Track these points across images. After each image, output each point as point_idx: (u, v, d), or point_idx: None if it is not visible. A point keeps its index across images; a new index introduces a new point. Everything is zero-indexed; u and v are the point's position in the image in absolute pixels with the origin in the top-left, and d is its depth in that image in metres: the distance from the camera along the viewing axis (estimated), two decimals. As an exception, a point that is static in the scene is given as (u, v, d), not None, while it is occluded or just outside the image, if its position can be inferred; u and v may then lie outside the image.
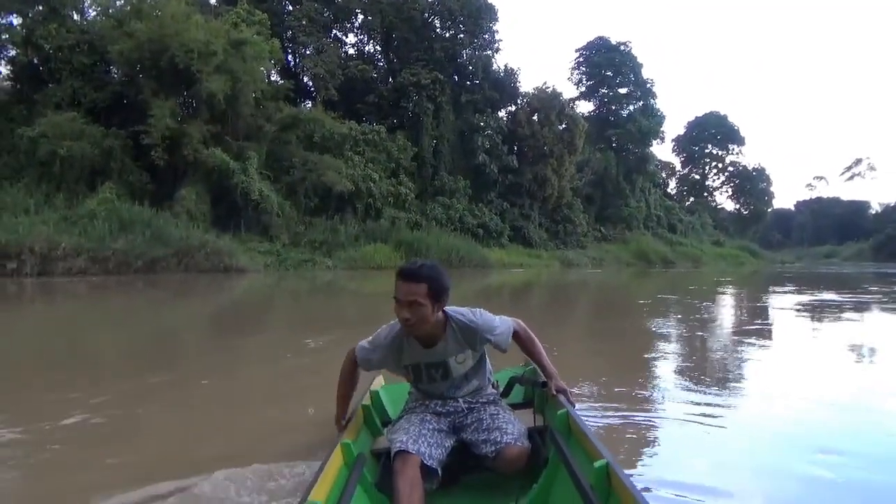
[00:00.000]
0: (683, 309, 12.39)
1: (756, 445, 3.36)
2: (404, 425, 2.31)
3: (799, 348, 7.40)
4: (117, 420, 3.75)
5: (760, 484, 2.80)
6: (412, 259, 2.53)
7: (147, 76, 23.10)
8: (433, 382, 2.44)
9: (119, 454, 3.16)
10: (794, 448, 3.31)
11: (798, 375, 5.46)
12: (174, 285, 16.35)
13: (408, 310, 2.20)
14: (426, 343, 2.35)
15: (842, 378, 5.39)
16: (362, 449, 2.36)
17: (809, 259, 72.21)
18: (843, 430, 3.69)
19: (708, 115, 63.51)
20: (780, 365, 6.05)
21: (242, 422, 3.82)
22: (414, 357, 2.39)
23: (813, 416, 3.99)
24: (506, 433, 2.29)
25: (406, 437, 2.19)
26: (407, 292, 2.19)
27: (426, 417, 2.37)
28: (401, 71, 32.74)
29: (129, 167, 22.48)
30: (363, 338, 2.54)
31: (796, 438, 3.48)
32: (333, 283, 18.92)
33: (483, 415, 2.41)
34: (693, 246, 47.96)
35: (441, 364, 2.39)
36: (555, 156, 36.15)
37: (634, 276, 27.76)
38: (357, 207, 27.50)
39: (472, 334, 2.37)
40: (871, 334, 8.81)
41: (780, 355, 6.85)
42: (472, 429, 2.37)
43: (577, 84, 47.98)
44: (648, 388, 4.89)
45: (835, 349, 7.32)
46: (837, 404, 4.27)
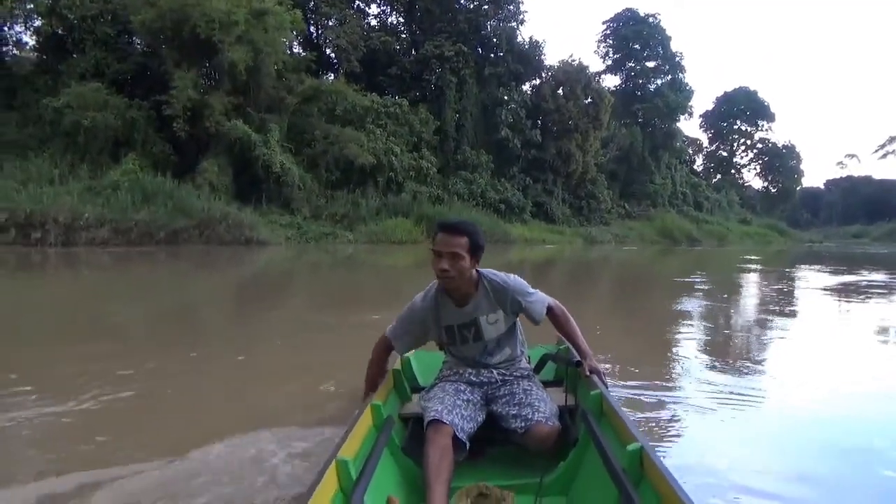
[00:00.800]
0: (709, 288, 12.12)
1: (784, 433, 3.27)
2: (438, 394, 2.34)
3: (831, 331, 7.15)
4: (144, 392, 3.76)
5: (787, 472, 2.73)
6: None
7: (169, 46, 22.94)
8: (466, 344, 2.47)
9: (145, 426, 3.24)
10: (824, 435, 3.22)
11: (830, 360, 5.29)
12: (196, 257, 16.40)
13: (448, 261, 2.28)
14: (459, 302, 2.42)
15: (876, 365, 5.17)
16: (391, 412, 2.43)
17: (838, 239, 70.69)
18: (871, 420, 3.55)
19: (737, 90, 61.94)
20: (812, 348, 5.87)
21: (263, 395, 3.82)
22: (447, 318, 2.45)
23: (844, 404, 3.84)
24: (537, 410, 2.28)
25: (441, 406, 2.22)
26: (448, 244, 2.28)
27: (460, 387, 2.40)
28: (424, 43, 32.20)
29: (152, 138, 22.51)
30: (384, 313, 2.57)
31: (828, 425, 3.40)
32: (354, 257, 18.87)
33: (516, 388, 2.42)
34: (719, 224, 47.09)
35: (472, 323, 2.43)
36: (579, 130, 35.51)
37: (659, 254, 27.34)
38: (378, 181, 27.29)
39: (504, 294, 2.43)
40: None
41: (812, 338, 6.63)
42: (504, 401, 2.38)
43: (604, 57, 46.96)
44: (672, 368, 4.81)
45: (868, 333, 7.07)
46: (869, 394, 4.10)
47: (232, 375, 4.35)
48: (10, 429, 3.07)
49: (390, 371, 2.73)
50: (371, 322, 6.32)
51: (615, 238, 36.02)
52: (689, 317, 7.89)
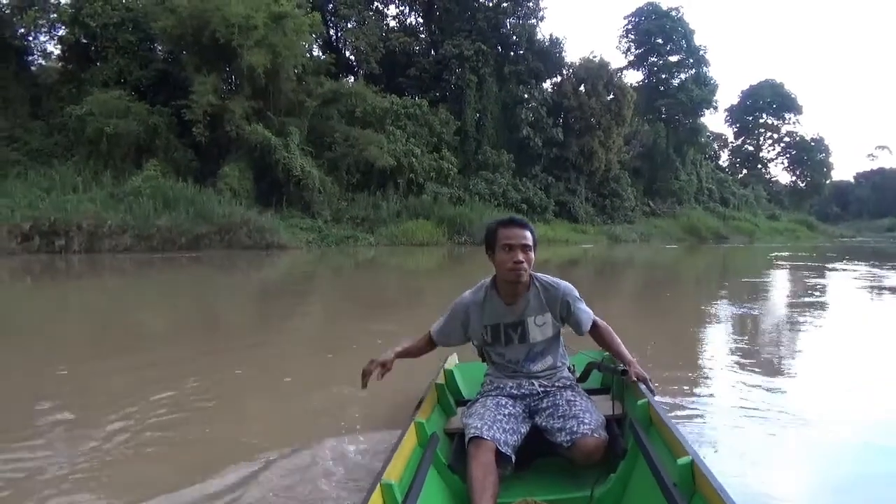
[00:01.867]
0: (738, 290, 11.74)
1: (826, 457, 3.09)
2: (479, 410, 2.31)
3: (868, 337, 6.78)
4: (187, 407, 3.75)
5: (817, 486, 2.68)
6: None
7: (189, 52, 23.16)
8: (510, 345, 2.45)
9: (191, 443, 3.21)
10: (858, 451, 3.09)
11: (865, 370, 4.97)
12: (218, 262, 16.44)
13: (522, 253, 2.32)
14: (509, 300, 2.43)
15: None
16: (435, 428, 2.39)
17: (870, 233, 69.08)
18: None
19: (763, 83, 60.68)
20: (848, 357, 5.51)
21: (303, 406, 3.82)
22: (494, 316, 2.44)
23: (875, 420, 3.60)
24: (582, 422, 2.22)
25: (481, 422, 2.19)
26: (521, 236, 2.34)
27: (501, 401, 2.36)
28: (443, 43, 31.97)
29: (173, 144, 22.72)
30: (412, 318, 2.47)
31: (863, 440, 3.22)
32: (376, 260, 18.79)
33: (559, 400, 2.37)
34: (747, 220, 46.22)
35: (520, 324, 2.43)
36: (602, 127, 34.99)
37: (685, 252, 26.84)
38: (399, 183, 27.18)
39: (555, 296, 2.45)
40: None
41: (848, 345, 6.24)
42: (548, 414, 2.34)
43: (626, 53, 46.15)
44: (701, 374, 4.75)
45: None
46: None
47: (269, 387, 4.31)
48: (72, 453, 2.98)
49: (433, 385, 2.71)
50: (398, 331, 6.24)
51: (640, 236, 35.47)
52: (713, 320, 7.61)
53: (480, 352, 2.64)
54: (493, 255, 2.40)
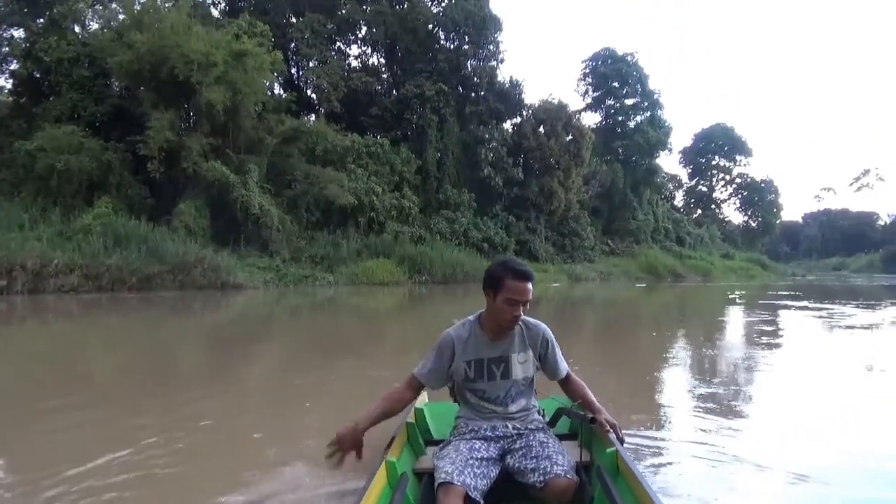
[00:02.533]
0: (695, 326, 11.83)
1: (769, 481, 3.21)
2: (451, 453, 2.27)
3: (821, 370, 6.92)
4: (121, 472, 3.33)
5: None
6: (503, 258, 2.55)
7: (147, 88, 22.72)
8: (493, 381, 2.45)
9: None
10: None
11: (818, 405, 5.27)
12: (170, 303, 15.86)
13: (523, 308, 2.35)
14: (495, 337, 2.44)
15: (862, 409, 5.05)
16: (405, 468, 2.38)
17: (819, 271, 71.51)
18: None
19: (715, 126, 62.91)
20: (804, 397, 5.59)
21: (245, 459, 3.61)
22: (479, 351, 2.44)
23: (829, 455, 3.72)
24: (556, 463, 2.22)
25: (452, 467, 2.15)
26: (528, 291, 2.34)
27: (475, 445, 2.34)
28: (405, 83, 32.32)
29: (127, 181, 22.12)
30: (370, 363, 2.38)
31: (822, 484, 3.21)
32: (336, 300, 18.44)
33: (532, 441, 2.37)
34: (702, 259, 47.19)
35: (504, 359, 2.45)
36: (561, 168, 35.56)
37: (645, 291, 27.14)
38: (359, 221, 26.97)
39: (536, 335, 2.50)
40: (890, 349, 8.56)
41: (801, 380, 6.40)
42: (520, 455, 2.33)
43: (584, 95, 47.47)
44: (659, 413, 4.81)
45: (857, 366, 7.01)
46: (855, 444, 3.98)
47: (228, 441, 4.03)
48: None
49: (404, 424, 2.70)
50: (363, 376, 6.10)
51: (600, 275, 35.83)
52: (671, 359, 7.58)
53: (453, 391, 2.61)
54: (494, 298, 2.38)
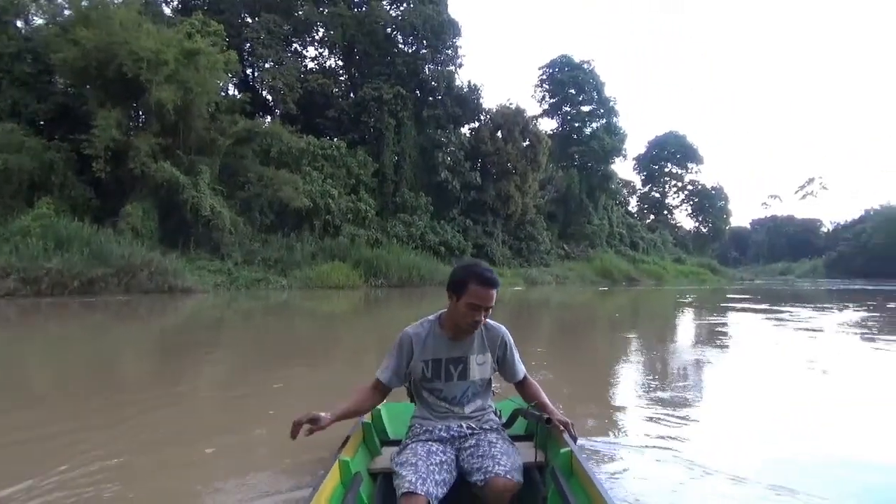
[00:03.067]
0: (651, 329, 11.96)
1: (718, 474, 3.30)
2: (411, 458, 2.24)
3: (773, 372, 7.06)
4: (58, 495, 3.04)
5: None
6: (470, 262, 2.50)
7: (93, 86, 21.94)
8: (450, 381, 2.46)
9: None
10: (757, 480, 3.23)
11: (768, 397, 5.61)
12: (115, 308, 15.27)
13: (486, 313, 2.37)
14: (455, 337, 2.45)
15: (805, 400, 5.53)
16: (360, 468, 2.37)
17: (766, 276, 73.74)
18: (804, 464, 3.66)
19: (667, 134, 64.37)
20: (754, 394, 5.88)
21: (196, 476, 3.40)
22: (437, 351, 2.44)
23: (776, 447, 3.96)
24: (498, 463, 2.23)
25: (415, 476, 2.13)
26: (491, 298, 2.34)
27: (432, 448, 2.32)
28: (362, 86, 32.00)
29: (71, 181, 21.32)
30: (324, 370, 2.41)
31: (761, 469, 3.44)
32: (289, 304, 18.08)
33: (482, 441, 2.38)
34: (655, 263, 48.11)
35: (462, 360, 2.46)
36: (518, 172, 35.80)
37: (599, 295, 27.46)
38: (315, 224, 26.60)
39: (496, 338, 2.52)
40: (835, 351, 8.94)
41: (754, 382, 6.57)
42: (468, 454, 2.34)
43: (541, 102, 47.96)
44: (613, 416, 4.86)
45: (804, 368, 7.17)
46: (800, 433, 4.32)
47: (177, 455, 3.79)
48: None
49: (360, 424, 2.69)
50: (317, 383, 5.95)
51: (556, 279, 36.14)
52: (627, 360, 7.62)
53: (410, 391, 2.62)
54: (456, 301, 2.37)
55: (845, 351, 9.19)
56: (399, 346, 2.47)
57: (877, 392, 6.02)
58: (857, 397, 5.73)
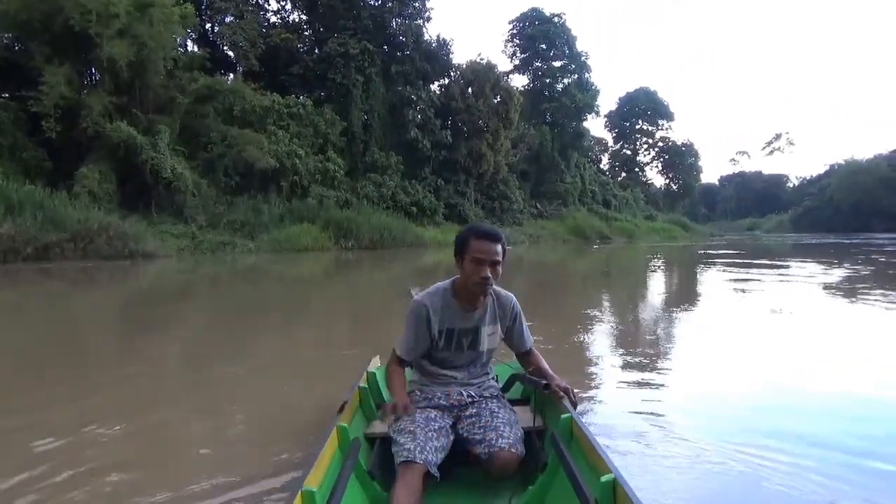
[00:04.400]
0: (629, 287, 11.75)
1: (697, 430, 3.20)
2: (409, 426, 2.21)
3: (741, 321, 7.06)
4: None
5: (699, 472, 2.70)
6: (470, 224, 2.60)
7: (39, 41, 20.63)
8: (460, 352, 2.46)
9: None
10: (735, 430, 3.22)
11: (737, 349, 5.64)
12: (72, 275, 14.55)
13: (491, 268, 2.30)
14: (468, 307, 2.42)
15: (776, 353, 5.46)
16: (357, 433, 2.37)
17: (734, 231, 74.80)
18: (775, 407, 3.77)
19: (638, 90, 64.07)
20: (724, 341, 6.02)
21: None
22: (451, 321, 2.41)
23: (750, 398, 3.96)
24: (501, 436, 2.23)
25: (413, 444, 2.11)
26: (491, 251, 2.29)
27: (430, 415, 2.30)
28: (327, 41, 30.78)
29: (22, 142, 20.21)
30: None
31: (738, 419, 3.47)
32: (257, 268, 17.49)
33: (483, 410, 2.37)
34: (627, 221, 48.33)
35: (474, 331, 2.44)
36: (490, 130, 35.15)
37: (572, 253, 27.33)
38: (282, 186, 25.77)
39: (506, 309, 2.50)
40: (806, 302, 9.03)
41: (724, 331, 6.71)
42: (469, 423, 2.33)
43: (511, 57, 47.15)
44: (588, 374, 4.76)
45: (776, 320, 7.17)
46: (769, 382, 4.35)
47: (148, 433, 3.40)
48: None
49: (356, 389, 2.67)
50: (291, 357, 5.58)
51: (529, 238, 35.95)
52: (603, 320, 7.33)
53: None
54: (462, 263, 2.35)
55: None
56: (417, 318, 2.41)
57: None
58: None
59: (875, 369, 4.76)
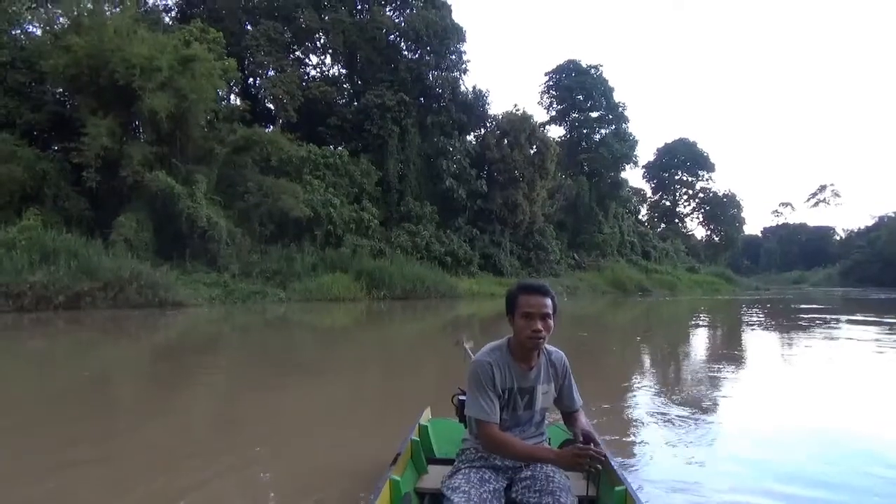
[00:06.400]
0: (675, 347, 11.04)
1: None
2: (464, 486, 2.23)
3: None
4: None
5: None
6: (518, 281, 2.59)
7: (85, 94, 21.30)
8: (516, 412, 2.43)
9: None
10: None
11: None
12: (101, 324, 14.46)
13: (542, 322, 2.30)
14: (524, 365, 2.41)
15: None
16: (408, 487, 2.40)
17: (779, 285, 72.28)
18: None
19: (677, 141, 63.43)
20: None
21: None
22: (511, 381, 2.39)
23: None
24: (558, 500, 2.21)
25: (466, 502, 2.13)
26: (542, 304, 2.31)
27: (485, 475, 2.32)
28: (365, 93, 31.29)
29: (65, 192, 20.68)
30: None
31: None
32: (287, 317, 17.21)
33: (538, 473, 2.34)
34: (668, 273, 46.98)
35: (530, 390, 2.43)
36: (525, 180, 34.87)
37: (612, 306, 26.46)
38: (316, 235, 25.76)
39: (559, 368, 2.50)
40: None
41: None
42: (524, 486, 2.31)
43: (548, 108, 47.23)
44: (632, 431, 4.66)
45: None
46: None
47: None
48: None
49: (409, 441, 2.71)
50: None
51: (566, 289, 35.07)
52: (650, 378, 6.68)
53: (461, 412, 2.61)
54: (513, 319, 2.36)
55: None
56: (484, 379, 2.35)
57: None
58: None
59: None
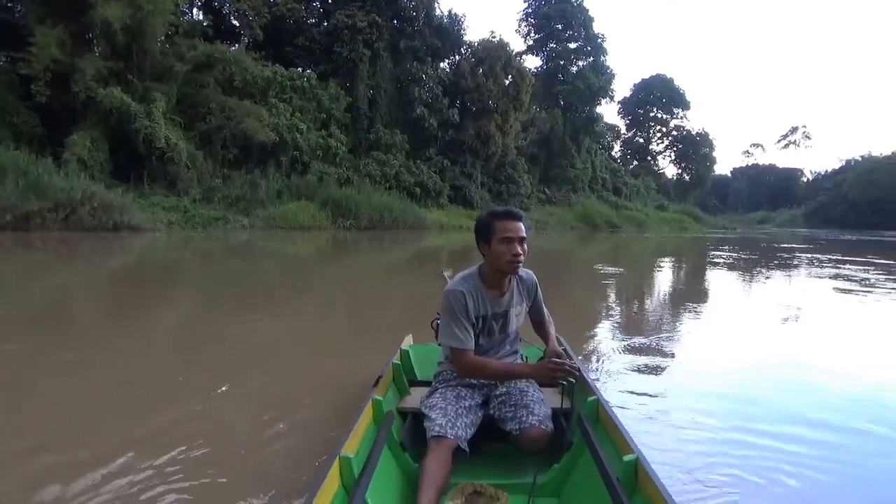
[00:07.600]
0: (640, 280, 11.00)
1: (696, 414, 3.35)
2: (440, 403, 2.31)
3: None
4: None
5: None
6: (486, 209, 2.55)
7: (33, 1, 19.86)
8: (491, 336, 2.49)
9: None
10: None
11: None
12: (53, 246, 13.89)
13: (520, 245, 2.34)
14: (496, 291, 2.45)
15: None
16: (391, 407, 2.52)
17: (745, 224, 73.54)
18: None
19: (654, 77, 62.71)
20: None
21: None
22: (484, 307, 2.43)
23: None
24: (532, 413, 2.30)
25: (444, 419, 2.20)
26: (519, 228, 2.34)
27: (461, 393, 2.39)
28: (335, 12, 29.79)
29: (13, 106, 19.48)
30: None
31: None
32: (251, 244, 16.81)
33: (512, 389, 2.43)
34: (638, 210, 47.30)
35: (504, 314, 2.48)
36: (499, 111, 34.08)
37: (581, 241, 26.51)
38: (281, 160, 24.98)
39: (530, 286, 2.59)
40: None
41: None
42: (500, 402, 2.40)
43: (525, 37, 45.85)
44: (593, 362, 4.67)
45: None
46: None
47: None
48: None
49: (390, 365, 2.81)
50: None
51: (535, 224, 35.06)
52: (610, 311, 6.60)
53: (438, 335, 2.63)
54: (489, 246, 2.36)
55: None
56: (457, 307, 2.36)
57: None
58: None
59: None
